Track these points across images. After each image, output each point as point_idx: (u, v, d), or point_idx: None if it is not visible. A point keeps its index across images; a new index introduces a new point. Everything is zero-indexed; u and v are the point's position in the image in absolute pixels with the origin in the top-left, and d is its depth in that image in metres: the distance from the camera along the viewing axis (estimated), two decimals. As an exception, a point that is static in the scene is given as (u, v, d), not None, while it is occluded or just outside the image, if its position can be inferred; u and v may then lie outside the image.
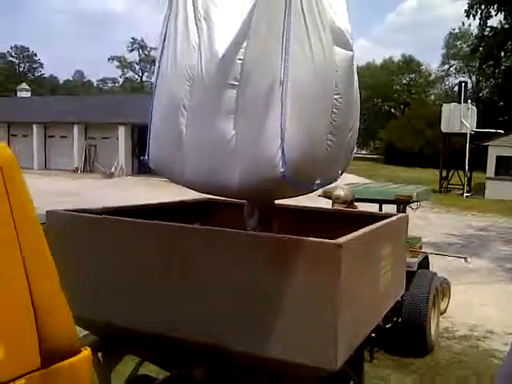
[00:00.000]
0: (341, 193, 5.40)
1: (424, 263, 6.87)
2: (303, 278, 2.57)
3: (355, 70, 3.15)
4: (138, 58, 73.48)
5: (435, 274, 6.66)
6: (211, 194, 3.40)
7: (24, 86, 39.90)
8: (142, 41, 72.21)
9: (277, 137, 2.72)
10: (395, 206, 6.62)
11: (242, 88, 2.92)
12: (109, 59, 72.70)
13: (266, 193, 3.00)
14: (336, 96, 2.95)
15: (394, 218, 3.87)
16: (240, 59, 2.96)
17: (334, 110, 2.97)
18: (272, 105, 2.77)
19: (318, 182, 3.15)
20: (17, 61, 72.56)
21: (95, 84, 77.94)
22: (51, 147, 30.88)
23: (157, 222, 3.05)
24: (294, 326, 2.58)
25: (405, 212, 6.30)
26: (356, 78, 3.21)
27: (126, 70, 74.78)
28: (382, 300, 3.51)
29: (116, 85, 75.86)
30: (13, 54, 71.56)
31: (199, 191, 3.22)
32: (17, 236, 1.51)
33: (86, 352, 1.73)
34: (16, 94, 39.19)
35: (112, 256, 3.02)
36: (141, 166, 27.03)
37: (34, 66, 74.46)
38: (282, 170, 2.71)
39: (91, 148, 29.23)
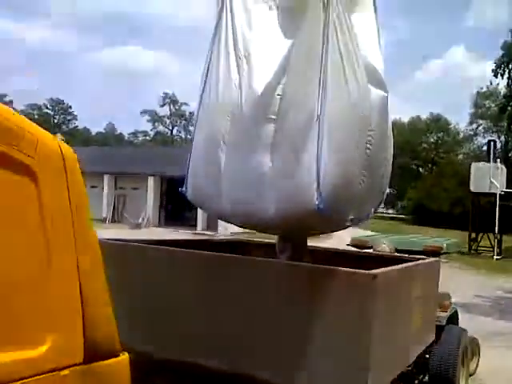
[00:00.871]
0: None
1: (453, 319, 6.67)
2: (336, 309, 2.56)
3: (389, 107, 3.23)
4: (168, 113, 75.56)
5: (465, 330, 6.46)
6: (246, 227, 3.43)
7: (59, 136, 41.16)
8: (173, 95, 74.46)
9: (312, 170, 2.78)
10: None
11: (280, 122, 3.02)
12: (141, 113, 74.91)
13: (300, 225, 3.03)
14: (370, 132, 3.02)
15: (426, 260, 3.84)
16: (279, 95, 3.07)
17: (369, 145, 3.04)
18: (308, 139, 2.85)
19: (351, 217, 3.19)
20: (52, 112, 75.36)
21: (126, 137, 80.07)
22: (81, 196, 31.51)
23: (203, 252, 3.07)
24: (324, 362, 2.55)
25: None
26: (389, 116, 3.29)
27: (156, 124, 76.77)
28: (412, 342, 3.43)
29: (147, 138, 77.70)
30: (48, 106, 74.44)
31: (235, 223, 3.27)
32: (73, 230, 1.59)
33: (125, 357, 1.75)
34: (51, 145, 40.38)
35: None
36: (168, 218, 27.28)
37: (69, 118, 77.18)
38: (316, 202, 2.74)
39: (120, 198, 29.69)
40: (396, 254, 5.28)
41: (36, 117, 67.49)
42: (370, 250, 5.32)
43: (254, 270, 2.90)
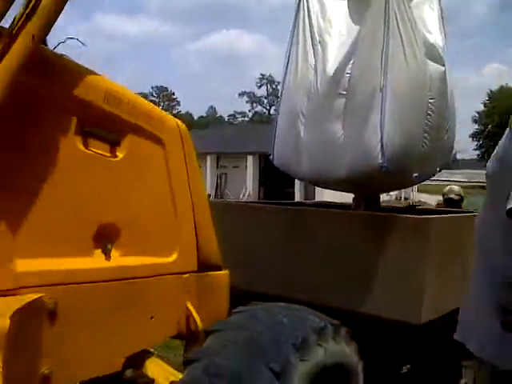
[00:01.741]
0: (455, 188, 5.86)
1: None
2: (399, 245, 3.11)
3: (447, 79, 3.65)
4: (266, 93, 76.88)
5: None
6: (322, 186, 4.05)
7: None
8: (270, 76, 75.46)
9: (377, 133, 3.32)
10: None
11: (349, 96, 3.58)
12: (239, 95, 76.98)
13: (368, 182, 3.58)
14: (431, 100, 3.49)
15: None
16: (348, 73, 3.63)
17: (430, 112, 3.50)
18: (373, 109, 3.38)
19: (415, 175, 3.67)
20: (157, 100, 79.45)
21: (226, 119, 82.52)
22: (186, 176, 33.47)
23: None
24: (388, 287, 3.11)
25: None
26: (449, 86, 3.71)
27: (254, 105, 78.48)
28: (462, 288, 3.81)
29: (245, 119, 79.70)
30: (153, 93, 78.61)
31: (313, 183, 3.90)
32: (190, 194, 2.30)
33: (226, 272, 2.46)
34: (157, 129, 42.78)
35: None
36: (267, 193, 28.27)
37: (172, 104, 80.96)
38: (380, 161, 3.29)
39: (222, 176, 31.22)
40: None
41: (142, 104, 71.63)
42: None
43: (331, 218, 3.52)
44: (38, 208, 1.75)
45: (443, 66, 3.58)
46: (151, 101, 77.04)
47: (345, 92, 3.62)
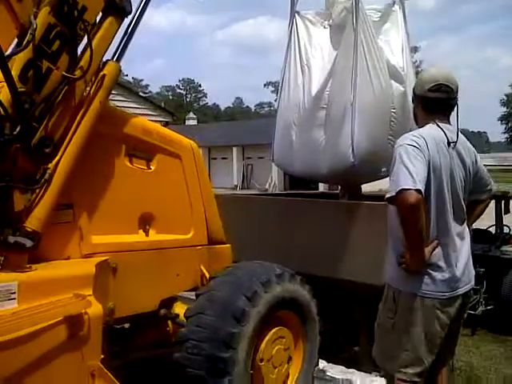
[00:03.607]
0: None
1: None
2: (365, 225, 4.08)
3: (409, 95, 4.56)
4: (291, 82, 77.64)
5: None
6: (310, 180, 5.04)
7: (191, 115, 45.09)
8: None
9: (349, 138, 4.30)
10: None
11: (328, 109, 4.58)
12: (264, 85, 78.08)
13: (344, 176, 4.56)
14: (393, 112, 4.46)
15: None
16: (327, 91, 4.62)
17: (393, 121, 4.48)
18: (346, 119, 4.35)
19: (383, 169, 4.65)
20: (184, 92, 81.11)
21: (253, 109, 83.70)
22: (213, 168, 34.67)
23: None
24: (357, 258, 4.10)
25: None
26: (409, 100, 4.62)
27: (280, 95, 79.15)
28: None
29: (272, 108, 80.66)
30: (180, 86, 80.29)
31: (303, 178, 4.90)
32: (200, 191, 3.34)
33: (229, 245, 3.49)
34: (185, 123, 44.25)
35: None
36: (292, 182, 29.27)
37: (199, 95, 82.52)
38: (352, 160, 4.28)
39: (248, 167, 32.39)
40: None
41: (170, 98, 73.24)
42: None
43: (321, 207, 4.53)
44: (105, 203, 2.82)
45: (403, 85, 4.54)
46: (179, 93, 78.48)
47: (325, 106, 4.62)
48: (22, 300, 2.16)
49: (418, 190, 2.46)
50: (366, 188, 5.15)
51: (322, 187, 26.26)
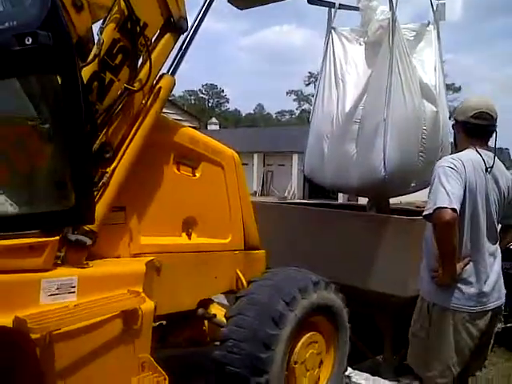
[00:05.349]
0: None
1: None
2: (391, 238, 4.22)
3: (440, 113, 4.70)
4: (313, 91, 77.54)
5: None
6: (341, 191, 5.19)
7: (213, 120, 45.33)
8: (318, 75, 76.01)
9: (381, 153, 4.43)
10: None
11: (361, 124, 4.72)
12: (287, 93, 78.03)
13: (374, 189, 4.70)
14: (424, 130, 4.59)
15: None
16: (361, 106, 4.76)
17: (423, 138, 4.60)
18: (379, 134, 4.49)
19: (413, 184, 4.77)
20: (207, 97, 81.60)
21: (274, 116, 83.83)
22: (234, 173, 34.95)
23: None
24: (384, 270, 4.23)
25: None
26: (442, 117, 4.75)
27: (302, 103, 79.32)
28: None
29: (293, 116, 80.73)
30: (203, 91, 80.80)
31: (334, 189, 5.04)
32: (239, 199, 3.51)
33: (263, 251, 3.63)
34: (206, 127, 44.61)
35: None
36: (311, 191, 29.37)
37: (221, 101, 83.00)
38: (383, 173, 4.41)
39: (268, 174, 32.58)
40: None
41: (193, 102, 73.78)
42: None
43: (348, 218, 4.67)
44: (153, 206, 2.98)
45: (435, 106, 4.67)
46: (201, 98, 79.07)
47: (358, 120, 4.77)
48: (80, 294, 2.34)
49: (454, 209, 2.65)
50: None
51: (341, 198, 26.44)
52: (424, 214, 2.82)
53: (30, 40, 2.00)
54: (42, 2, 2.08)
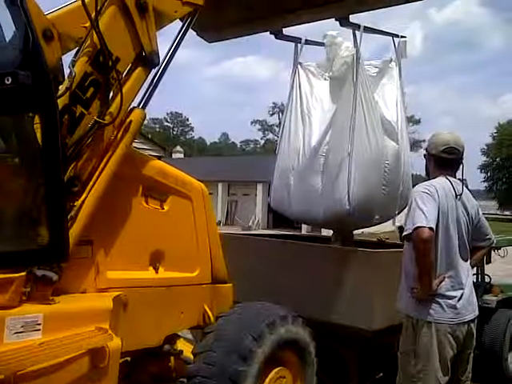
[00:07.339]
0: None
1: (506, 304, 7.69)
2: (356, 270, 4.26)
3: (401, 150, 4.85)
4: (278, 121, 78.73)
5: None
6: (306, 224, 5.25)
7: (178, 148, 45.20)
8: (282, 105, 77.01)
9: (345, 187, 4.52)
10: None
11: (326, 158, 4.81)
12: (251, 122, 78.93)
13: (339, 222, 4.77)
14: (386, 164, 4.71)
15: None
16: (327, 140, 4.87)
17: (386, 172, 4.73)
18: (343, 168, 4.58)
19: (377, 217, 4.87)
20: (171, 125, 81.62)
21: (238, 145, 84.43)
22: (198, 202, 34.79)
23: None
24: (348, 302, 4.26)
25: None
26: (401, 153, 4.90)
27: (266, 132, 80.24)
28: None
29: (257, 146, 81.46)
30: (168, 119, 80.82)
31: (299, 221, 5.10)
32: (207, 231, 3.51)
33: (231, 284, 3.62)
34: (171, 156, 44.41)
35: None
36: (275, 220, 29.46)
37: (186, 129, 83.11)
38: (347, 207, 4.49)
39: (233, 203, 32.54)
40: None
41: (158, 130, 73.57)
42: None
43: (314, 251, 4.70)
44: (120, 240, 2.96)
45: (396, 142, 4.83)
46: (166, 126, 79.03)
47: (324, 154, 4.86)
48: (46, 331, 2.29)
49: (431, 228, 2.99)
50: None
51: (304, 229, 26.65)
52: (404, 234, 3.12)
53: (10, 80, 1.99)
54: (23, 42, 2.08)
